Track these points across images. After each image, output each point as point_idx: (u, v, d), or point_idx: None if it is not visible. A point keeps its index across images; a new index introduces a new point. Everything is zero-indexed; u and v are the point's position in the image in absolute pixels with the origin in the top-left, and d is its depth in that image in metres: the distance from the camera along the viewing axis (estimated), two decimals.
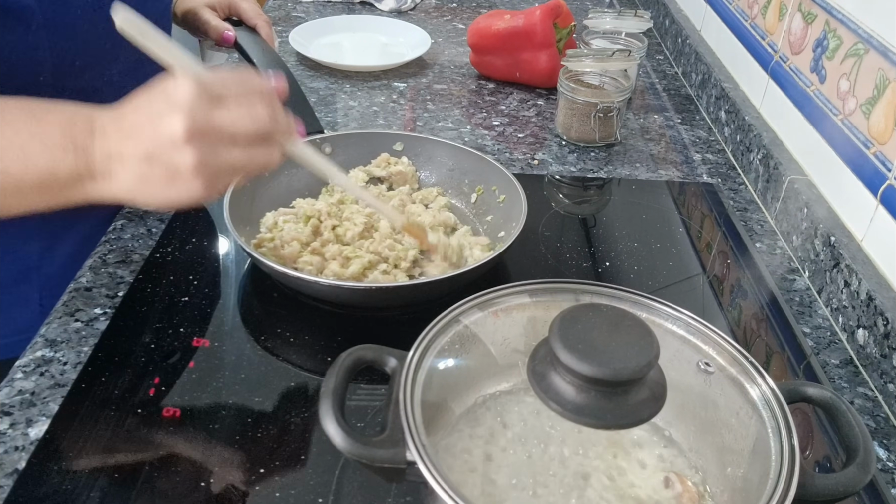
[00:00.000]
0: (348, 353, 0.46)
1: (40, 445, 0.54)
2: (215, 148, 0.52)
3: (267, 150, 0.55)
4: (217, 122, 0.51)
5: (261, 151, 0.54)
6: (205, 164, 0.51)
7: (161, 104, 0.51)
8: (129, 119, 0.53)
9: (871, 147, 0.73)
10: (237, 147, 0.53)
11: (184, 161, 0.51)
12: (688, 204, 0.91)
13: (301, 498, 0.52)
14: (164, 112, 0.51)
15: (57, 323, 0.65)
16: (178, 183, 0.52)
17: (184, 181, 0.52)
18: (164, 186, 0.53)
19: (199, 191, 0.53)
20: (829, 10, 0.83)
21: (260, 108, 0.53)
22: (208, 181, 0.52)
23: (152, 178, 0.52)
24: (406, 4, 1.43)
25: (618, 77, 0.99)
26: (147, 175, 0.52)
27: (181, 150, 0.51)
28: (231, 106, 0.52)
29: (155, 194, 0.54)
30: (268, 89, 0.55)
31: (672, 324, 0.51)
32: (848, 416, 0.45)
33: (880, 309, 0.65)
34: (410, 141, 0.86)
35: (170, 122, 0.50)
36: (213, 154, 0.52)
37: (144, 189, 0.53)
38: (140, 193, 0.54)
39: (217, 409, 0.58)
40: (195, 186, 0.52)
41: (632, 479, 0.47)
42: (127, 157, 0.53)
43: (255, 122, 0.53)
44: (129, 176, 0.53)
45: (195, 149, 0.51)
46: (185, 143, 0.50)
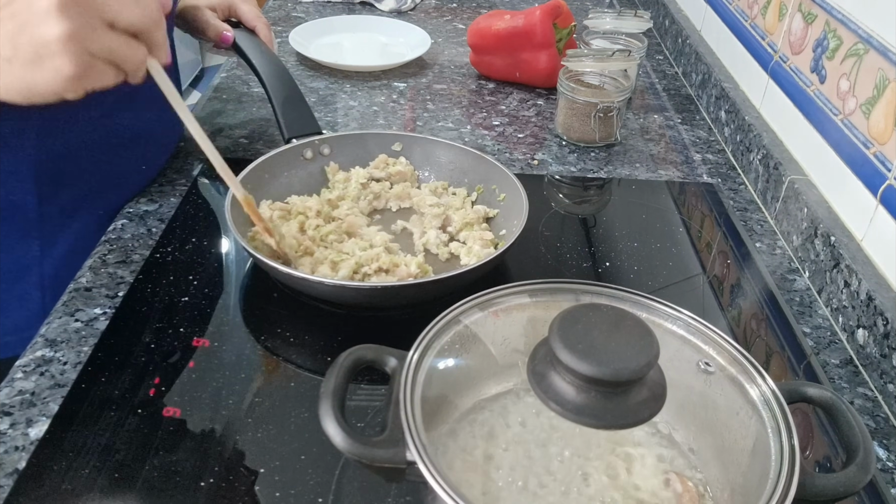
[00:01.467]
0: (348, 353, 0.46)
1: (40, 445, 0.54)
2: (91, 23, 0.48)
3: (139, 49, 0.51)
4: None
5: (134, 48, 0.51)
6: (76, 36, 0.47)
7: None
8: None
9: (871, 147, 0.73)
10: (112, 32, 0.49)
11: (53, 31, 0.47)
12: (688, 204, 0.91)
13: (301, 498, 0.52)
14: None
15: (57, 323, 0.65)
16: (45, 62, 0.48)
17: (52, 59, 0.48)
18: (28, 68, 0.49)
19: (67, 71, 0.48)
20: (829, 10, 0.83)
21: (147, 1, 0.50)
22: (78, 61, 0.48)
23: (16, 57, 0.49)
24: (406, 4, 1.43)
25: (618, 77, 0.99)
26: (11, 55, 0.49)
27: (51, 20, 0.47)
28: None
29: (17, 80, 0.50)
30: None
31: (672, 324, 0.51)
32: (848, 416, 0.45)
33: (880, 309, 0.65)
34: (409, 141, 0.86)
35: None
36: (87, 28, 0.48)
37: (8, 73, 0.49)
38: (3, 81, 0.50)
39: (217, 409, 0.58)
40: (64, 67, 0.48)
41: (632, 479, 0.47)
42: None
43: (139, 9, 0.50)
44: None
45: (67, 18, 0.47)
46: (57, 12, 0.47)
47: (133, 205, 0.81)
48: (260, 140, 0.95)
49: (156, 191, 0.83)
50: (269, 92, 0.87)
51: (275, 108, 0.86)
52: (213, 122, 0.99)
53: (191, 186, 0.84)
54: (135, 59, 0.52)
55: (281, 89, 0.88)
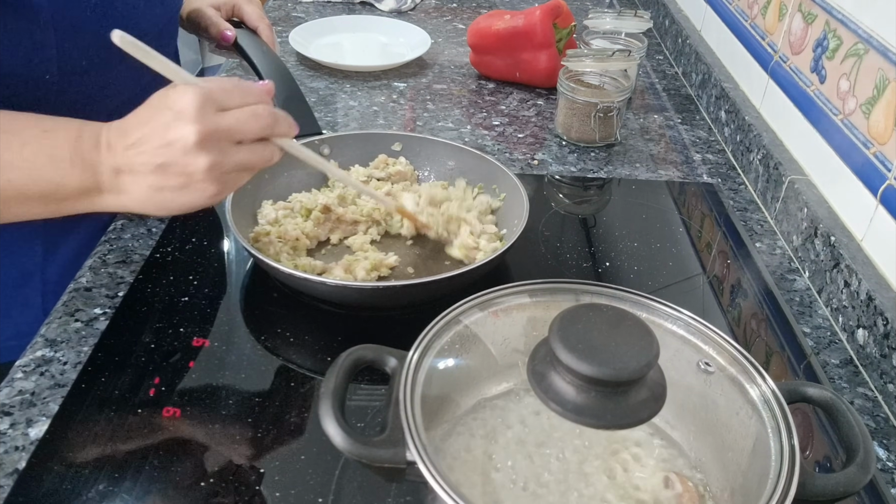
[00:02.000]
0: (348, 353, 0.46)
1: (40, 445, 0.54)
2: (224, 150, 0.55)
3: (268, 148, 0.58)
4: (224, 124, 0.54)
5: (263, 149, 0.57)
6: (216, 166, 0.54)
7: (168, 115, 0.54)
8: (137, 133, 0.55)
9: (871, 147, 0.73)
10: (243, 147, 0.56)
11: (197, 166, 0.53)
12: (688, 204, 0.91)
13: (301, 498, 0.52)
14: (173, 122, 0.53)
15: (57, 323, 0.65)
16: (192, 188, 0.55)
17: (197, 186, 0.55)
18: (178, 193, 0.55)
19: (211, 193, 0.55)
20: (829, 10, 0.83)
21: (259, 109, 0.56)
22: (220, 183, 0.55)
23: (166, 187, 0.55)
24: (406, 4, 1.43)
25: (618, 77, 0.99)
26: (160, 185, 0.55)
27: (194, 156, 0.53)
28: (233, 109, 0.55)
29: (168, 202, 0.56)
30: (262, 91, 0.58)
31: (672, 324, 0.51)
32: (848, 416, 0.45)
33: (880, 309, 0.65)
34: (409, 141, 0.86)
35: (181, 130, 0.53)
36: (222, 156, 0.54)
37: (157, 199, 0.56)
38: (153, 203, 0.56)
39: (217, 409, 0.58)
40: (208, 189, 0.55)
41: (632, 479, 0.47)
42: (138, 170, 0.55)
43: (257, 122, 0.56)
44: (140, 188, 0.55)
45: (207, 153, 0.53)
46: (197, 149, 0.53)
47: None
48: None
49: None
50: None
51: None
52: None
53: None
54: (264, 160, 0.58)
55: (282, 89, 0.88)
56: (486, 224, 0.76)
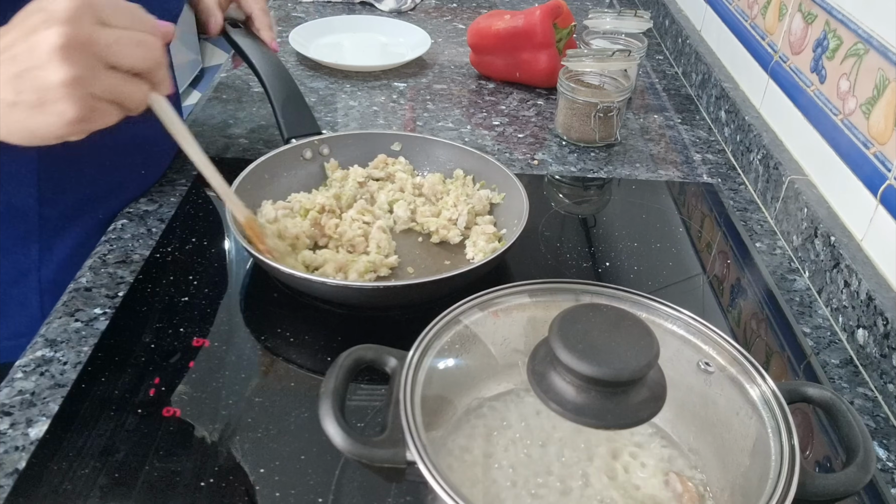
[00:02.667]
0: (348, 353, 0.46)
1: (40, 445, 0.54)
2: (92, 66, 0.48)
3: (141, 88, 0.51)
4: (99, 37, 0.48)
5: (136, 86, 0.51)
6: (78, 81, 0.47)
7: (38, 17, 0.47)
8: (3, 40, 0.48)
9: (871, 147, 0.73)
10: (114, 73, 0.49)
11: (57, 76, 0.46)
12: (688, 204, 0.91)
13: (301, 498, 0.52)
14: (41, 25, 0.47)
15: (57, 323, 0.65)
16: (49, 106, 0.47)
17: (55, 104, 0.47)
18: (31, 113, 0.48)
19: (69, 117, 0.48)
20: (829, 10, 0.83)
21: (147, 38, 0.50)
22: (81, 105, 0.48)
23: (20, 102, 0.48)
24: (406, 4, 1.43)
25: (618, 77, 0.99)
26: (13, 99, 0.48)
27: (54, 64, 0.46)
28: (117, 28, 0.49)
29: (20, 123, 0.49)
30: (158, 26, 0.52)
31: (672, 324, 0.51)
32: (848, 416, 0.45)
33: (880, 309, 0.65)
34: (408, 140, 0.86)
35: (46, 33, 0.46)
36: (89, 72, 0.47)
37: (10, 119, 0.49)
38: (4, 125, 0.49)
39: (217, 409, 0.58)
40: (66, 111, 0.48)
41: (632, 479, 0.47)
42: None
43: (140, 50, 0.49)
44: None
45: (70, 63, 0.46)
46: (60, 57, 0.46)
47: (133, 205, 0.81)
48: (260, 140, 0.95)
49: (156, 191, 0.83)
50: (269, 92, 0.87)
51: (274, 108, 0.86)
52: (212, 122, 0.99)
53: (191, 186, 0.84)
54: (137, 98, 0.51)
55: (281, 89, 0.88)
56: (485, 224, 0.76)
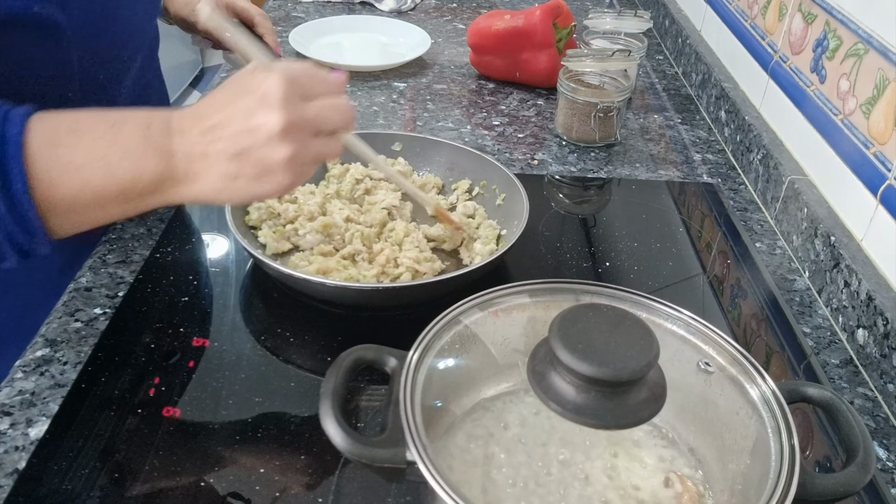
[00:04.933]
0: (348, 353, 0.46)
1: (40, 445, 0.54)
2: (305, 141, 0.52)
3: (338, 141, 0.56)
4: (309, 115, 0.52)
5: (335, 142, 0.56)
6: (296, 157, 0.52)
7: (250, 99, 0.51)
8: (215, 117, 0.52)
9: (871, 147, 0.73)
10: (319, 139, 0.54)
11: (278, 156, 0.51)
12: (688, 204, 0.91)
13: (301, 498, 0.52)
14: (257, 107, 0.51)
15: (57, 323, 0.65)
16: (268, 178, 0.52)
17: (274, 176, 0.52)
18: (253, 183, 0.53)
19: (286, 184, 0.53)
20: (829, 10, 0.83)
21: (340, 102, 0.55)
22: (295, 174, 0.53)
23: (241, 175, 0.52)
24: (406, 4, 1.43)
25: (618, 77, 0.99)
26: (236, 173, 0.52)
27: (277, 145, 0.51)
28: (317, 99, 0.53)
29: (241, 191, 0.53)
30: (340, 82, 0.56)
31: (672, 324, 0.51)
32: (848, 416, 0.45)
33: (880, 309, 0.65)
34: (409, 141, 0.86)
35: (265, 117, 0.50)
36: (303, 147, 0.52)
37: (231, 188, 0.53)
38: (226, 193, 0.53)
39: (217, 409, 0.58)
40: (284, 180, 0.52)
41: (632, 479, 0.47)
42: (214, 157, 0.52)
43: (338, 115, 0.54)
44: (214, 176, 0.52)
45: (289, 143, 0.51)
46: (280, 138, 0.50)
47: None
48: None
49: None
50: None
51: None
52: None
53: None
54: (336, 152, 0.56)
55: None
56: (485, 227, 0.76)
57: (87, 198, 0.52)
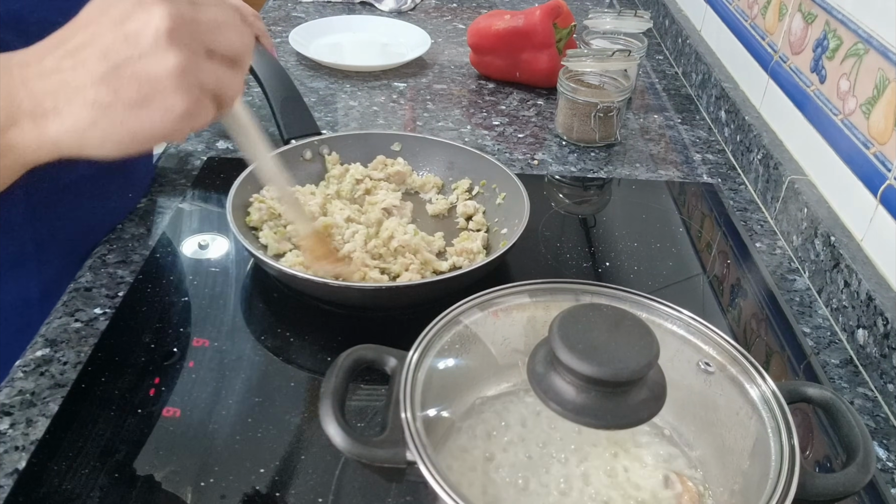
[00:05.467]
0: (348, 353, 0.46)
1: (40, 445, 0.54)
2: (198, 53, 0.42)
3: (238, 76, 0.45)
4: (202, 18, 0.42)
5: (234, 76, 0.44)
6: (189, 68, 0.41)
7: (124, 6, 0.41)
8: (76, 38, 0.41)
9: (871, 147, 0.73)
10: (216, 61, 0.43)
11: (165, 64, 0.40)
12: (688, 204, 0.91)
13: (301, 498, 0.52)
14: (134, 10, 0.40)
15: (57, 323, 0.65)
16: (155, 100, 0.41)
17: (162, 96, 0.41)
18: (133, 111, 0.41)
19: (180, 108, 0.41)
20: (829, 10, 0.83)
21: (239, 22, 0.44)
22: (190, 97, 0.41)
23: (116, 102, 0.40)
24: (406, 4, 1.43)
25: (618, 77, 0.99)
26: (109, 99, 0.40)
27: (162, 51, 0.40)
28: (212, 9, 0.43)
29: (120, 125, 0.41)
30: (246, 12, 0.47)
31: (672, 324, 0.51)
32: (848, 416, 0.45)
33: (880, 309, 0.65)
34: (408, 140, 0.86)
35: (146, 17, 0.40)
36: (196, 61, 0.41)
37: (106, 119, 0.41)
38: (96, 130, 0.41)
39: (217, 409, 0.58)
40: (176, 101, 0.41)
41: (632, 478, 0.47)
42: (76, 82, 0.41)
43: (238, 34, 0.44)
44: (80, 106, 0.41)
45: (179, 48, 0.40)
46: (167, 42, 0.40)
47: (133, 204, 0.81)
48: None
49: (156, 190, 0.83)
50: (267, 92, 0.87)
51: (273, 109, 0.86)
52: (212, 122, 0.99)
53: (191, 186, 0.84)
54: (236, 88, 0.45)
55: (279, 90, 0.88)
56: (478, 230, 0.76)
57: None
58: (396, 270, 0.69)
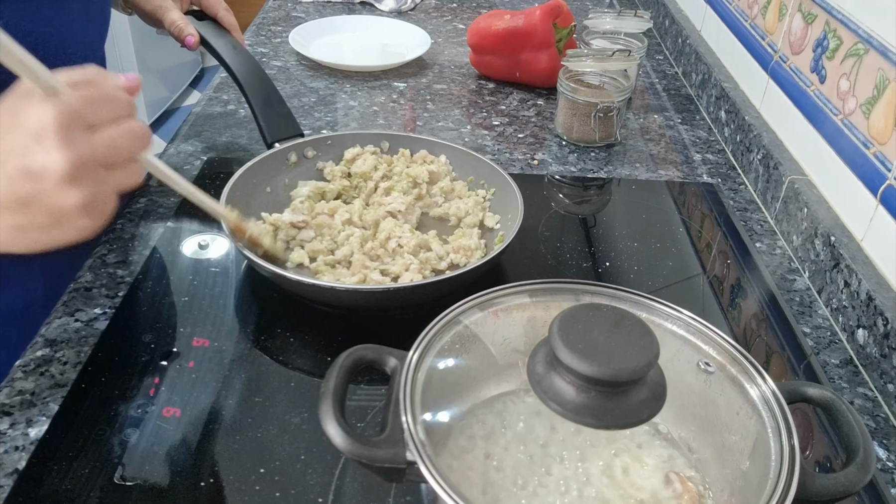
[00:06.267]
0: (348, 353, 0.46)
1: (40, 445, 0.54)
2: (99, 178, 0.46)
3: (138, 166, 0.49)
4: (98, 150, 0.45)
5: (135, 168, 0.49)
6: (93, 198, 0.46)
7: (23, 137, 0.44)
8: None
9: (871, 147, 0.73)
10: (116, 170, 0.47)
11: (71, 201, 0.45)
12: (688, 204, 0.91)
13: (301, 498, 0.52)
14: (33, 145, 0.43)
15: (57, 323, 0.65)
16: (64, 226, 0.46)
17: (70, 223, 0.46)
18: (47, 232, 0.47)
19: (89, 227, 0.47)
20: (829, 10, 0.83)
21: (134, 126, 0.48)
22: (95, 215, 0.47)
23: (32, 226, 0.46)
24: (406, 4, 1.43)
25: (618, 77, 0.99)
26: (24, 224, 0.46)
27: (66, 190, 0.44)
28: (105, 127, 0.46)
29: (36, 243, 0.48)
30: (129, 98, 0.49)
31: (672, 324, 0.51)
32: (848, 416, 0.45)
33: (880, 309, 0.65)
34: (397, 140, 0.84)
35: (45, 157, 0.43)
36: (98, 184, 0.46)
37: (24, 240, 0.47)
38: (20, 244, 0.48)
39: (217, 409, 0.58)
40: (84, 226, 0.47)
41: (632, 478, 0.47)
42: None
43: (133, 142, 0.47)
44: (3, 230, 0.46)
45: (80, 186, 0.44)
46: (68, 182, 0.44)
47: (133, 205, 0.81)
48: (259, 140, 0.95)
49: (156, 190, 0.83)
50: (248, 95, 0.85)
51: (254, 113, 0.83)
52: (212, 122, 0.99)
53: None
54: (137, 179, 0.49)
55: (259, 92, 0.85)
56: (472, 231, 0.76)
57: None
58: (396, 271, 0.69)
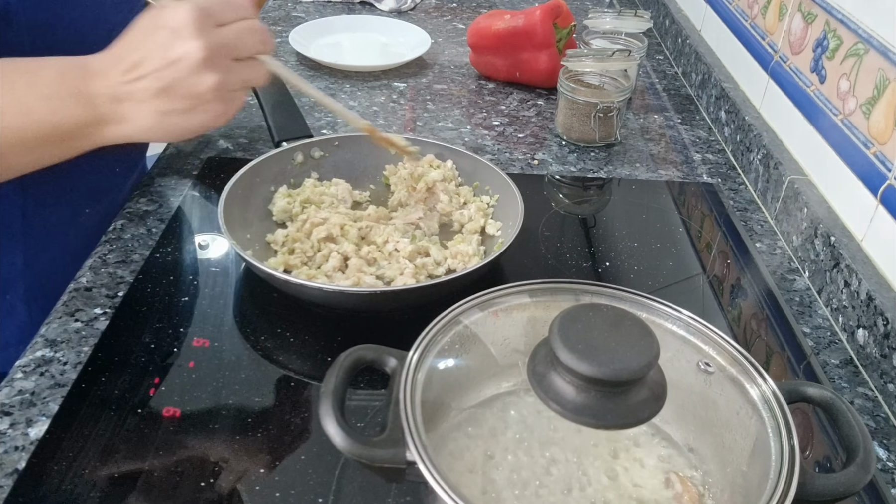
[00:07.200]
0: (348, 354, 0.46)
1: (40, 445, 0.54)
2: (228, 66, 0.54)
3: (261, 65, 0.57)
4: (227, 40, 0.53)
5: (258, 66, 0.57)
6: (224, 83, 0.53)
7: (164, 34, 0.52)
8: (132, 57, 0.53)
9: (871, 147, 0.73)
10: (242, 64, 0.55)
11: (206, 84, 0.52)
12: (688, 204, 0.91)
13: (301, 498, 0.52)
14: (172, 40, 0.51)
15: (57, 323, 0.65)
16: (199, 109, 0.54)
17: (205, 106, 0.54)
18: (185, 116, 0.54)
19: (218, 112, 0.55)
20: (829, 10, 0.83)
21: (254, 24, 0.55)
22: (226, 102, 0.55)
23: (172, 110, 0.54)
24: (406, 4, 1.43)
25: (618, 77, 0.99)
26: (166, 108, 0.53)
27: (202, 74, 0.52)
28: (231, 24, 0.54)
29: (175, 126, 0.55)
30: (251, 4, 0.56)
31: (672, 324, 0.51)
32: (848, 416, 0.45)
33: (880, 309, 0.65)
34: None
35: (183, 47, 0.51)
36: (227, 73, 0.54)
37: (165, 123, 0.54)
38: (161, 129, 0.55)
39: (217, 409, 0.58)
40: (216, 109, 0.54)
41: (632, 479, 0.47)
42: (140, 96, 0.53)
43: (255, 37, 0.55)
44: (145, 114, 0.54)
45: (213, 70, 0.52)
46: (203, 67, 0.52)
47: (133, 205, 0.81)
48: (260, 140, 0.95)
49: (156, 191, 0.83)
50: (259, 95, 0.86)
51: (265, 112, 0.85)
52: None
53: (191, 186, 0.84)
54: (262, 76, 0.57)
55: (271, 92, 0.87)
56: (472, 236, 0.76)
57: (11, 141, 0.53)
58: (391, 276, 0.69)
